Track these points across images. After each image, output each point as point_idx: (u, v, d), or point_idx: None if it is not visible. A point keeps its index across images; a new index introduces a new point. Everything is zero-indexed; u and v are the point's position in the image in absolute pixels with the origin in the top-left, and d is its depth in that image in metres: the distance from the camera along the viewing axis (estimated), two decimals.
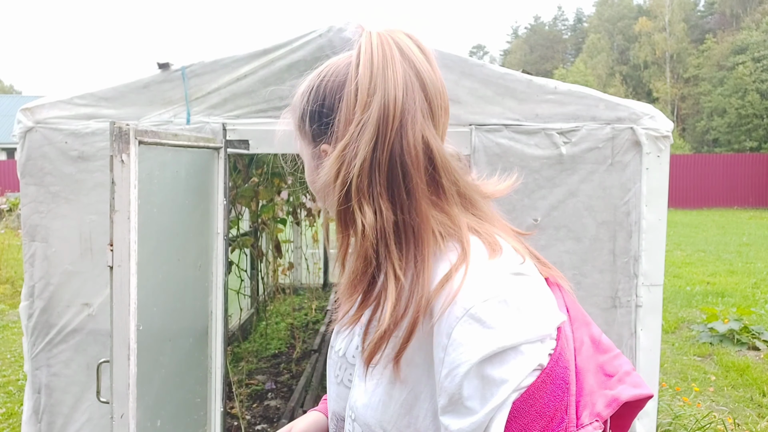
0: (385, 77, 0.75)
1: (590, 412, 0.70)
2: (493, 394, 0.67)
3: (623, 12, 49.64)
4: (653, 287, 2.62)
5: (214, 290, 2.57)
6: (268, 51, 2.59)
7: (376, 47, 0.77)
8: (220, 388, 2.58)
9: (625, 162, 2.59)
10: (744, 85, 33.84)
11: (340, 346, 0.93)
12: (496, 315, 0.69)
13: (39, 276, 2.60)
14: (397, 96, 0.75)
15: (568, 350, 0.72)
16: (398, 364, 0.75)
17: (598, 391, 0.71)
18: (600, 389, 0.72)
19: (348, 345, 0.92)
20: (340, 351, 0.93)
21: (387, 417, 0.77)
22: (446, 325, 0.70)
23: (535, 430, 0.67)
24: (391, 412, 0.77)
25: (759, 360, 5.38)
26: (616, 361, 0.75)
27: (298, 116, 0.88)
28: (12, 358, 5.47)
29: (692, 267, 10.02)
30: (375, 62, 0.76)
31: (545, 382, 0.68)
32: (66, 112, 2.59)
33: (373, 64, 0.76)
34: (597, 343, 0.76)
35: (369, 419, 0.79)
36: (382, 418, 0.78)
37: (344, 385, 0.90)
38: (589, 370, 0.73)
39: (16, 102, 30.98)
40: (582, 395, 0.71)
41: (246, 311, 5.73)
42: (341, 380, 0.91)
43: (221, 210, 2.54)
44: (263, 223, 5.28)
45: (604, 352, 0.76)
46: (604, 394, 0.71)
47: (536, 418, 0.67)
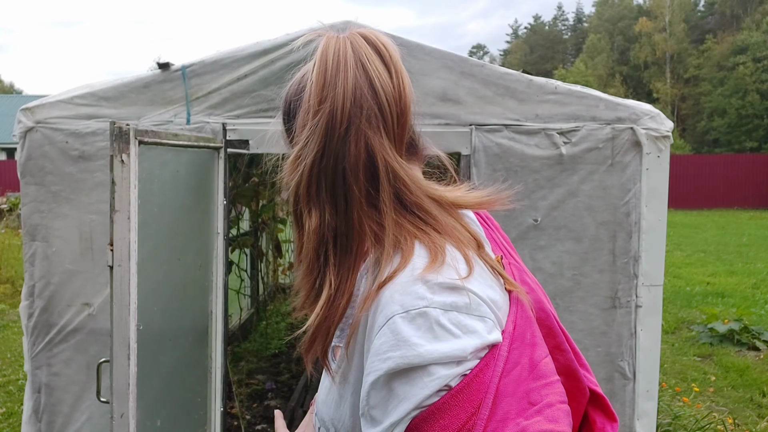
0: (336, 85, 0.76)
1: None
2: (395, 407, 0.68)
3: (623, 12, 49.63)
4: (653, 287, 2.62)
5: (214, 290, 2.57)
6: (268, 51, 2.59)
7: (332, 54, 0.78)
8: (220, 388, 2.58)
9: (625, 162, 2.59)
10: (744, 86, 33.83)
11: None
12: (413, 329, 0.68)
13: (39, 275, 2.60)
14: (345, 104, 0.75)
15: (489, 372, 0.69)
16: (325, 362, 0.81)
17: (512, 419, 0.68)
18: (515, 417, 0.68)
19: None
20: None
21: (337, 415, 0.81)
22: (373, 332, 0.72)
23: None
24: (341, 410, 0.81)
25: (759, 360, 5.38)
26: (545, 389, 0.71)
27: (285, 117, 0.91)
28: (12, 357, 5.47)
29: (692, 267, 10.02)
30: (328, 69, 0.77)
31: (448, 404, 0.67)
32: (66, 111, 2.59)
33: (326, 71, 0.77)
34: (534, 366, 0.73)
35: (324, 415, 0.84)
36: (334, 415, 0.82)
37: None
38: (511, 394, 0.70)
39: (16, 102, 30.97)
40: (492, 420, 0.68)
41: (246, 311, 5.73)
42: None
43: (221, 210, 2.54)
44: (263, 223, 5.28)
45: (537, 378, 0.72)
46: (516, 423, 0.68)
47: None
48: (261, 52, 2.60)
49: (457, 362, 0.68)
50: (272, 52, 2.59)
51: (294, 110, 0.84)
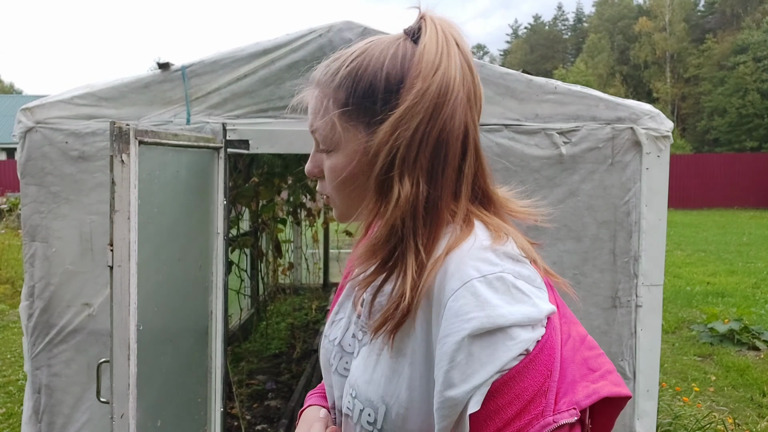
0: (449, 56, 0.78)
1: (569, 399, 0.70)
2: (477, 370, 0.69)
3: (623, 12, 49.62)
4: (653, 287, 2.62)
5: (214, 290, 2.57)
6: (268, 51, 2.59)
7: (439, 29, 0.80)
8: (220, 388, 2.58)
9: (625, 162, 2.59)
10: (745, 85, 33.83)
11: (335, 335, 0.95)
12: (492, 291, 0.71)
13: (39, 276, 2.60)
14: (456, 77, 0.77)
15: (555, 338, 0.73)
16: (394, 337, 0.78)
17: (580, 382, 0.73)
18: (581, 380, 0.73)
19: (344, 333, 0.93)
20: (336, 340, 0.94)
21: (389, 391, 0.79)
22: (444, 297, 0.73)
23: (511, 411, 0.69)
24: (394, 385, 0.78)
25: (759, 360, 5.38)
26: (600, 359, 0.77)
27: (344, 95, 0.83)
28: (12, 358, 5.47)
29: (692, 267, 10.02)
30: (439, 41, 0.79)
31: (527, 368, 0.69)
32: (66, 112, 2.59)
33: (437, 42, 0.78)
34: (583, 339, 0.78)
35: (371, 394, 0.80)
36: (385, 392, 0.79)
37: (338, 374, 0.91)
38: (573, 360, 0.74)
39: (16, 102, 30.97)
40: (563, 383, 0.71)
41: (246, 311, 5.73)
42: (335, 369, 0.92)
43: (221, 210, 2.54)
44: (263, 223, 5.28)
45: (590, 348, 0.78)
46: (585, 386, 0.72)
47: (513, 400, 0.69)
48: (261, 52, 2.60)
49: (533, 326, 0.71)
50: (272, 52, 2.59)
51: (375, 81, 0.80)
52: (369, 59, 0.82)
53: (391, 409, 0.78)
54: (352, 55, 0.84)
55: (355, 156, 0.83)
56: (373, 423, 0.80)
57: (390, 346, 0.79)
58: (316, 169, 0.90)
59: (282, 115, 2.63)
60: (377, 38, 0.85)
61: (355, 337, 0.91)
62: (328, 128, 0.84)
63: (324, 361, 0.96)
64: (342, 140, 0.83)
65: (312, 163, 0.91)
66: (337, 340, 0.94)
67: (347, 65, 0.83)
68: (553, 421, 0.68)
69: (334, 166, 0.85)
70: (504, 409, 0.68)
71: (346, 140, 0.83)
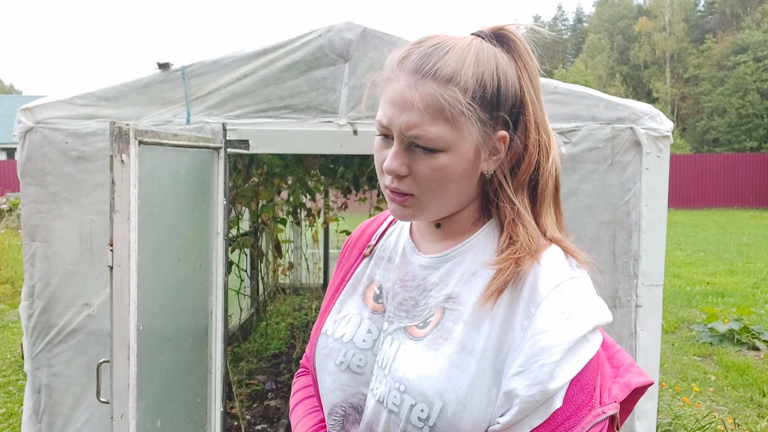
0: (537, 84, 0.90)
1: (608, 394, 0.81)
2: (572, 367, 0.76)
3: (623, 12, 49.61)
4: (653, 287, 2.62)
5: (214, 290, 2.57)
6: (268, 51, 2.59)
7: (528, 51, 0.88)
8: (220, 388, 2.58)
9: (625, 162, 2.59)
10: (744, 85, 33.83)
11: (342, 332, 0.94)
12: (584, 294, 0.81)
13: (39, 276, 2.60)
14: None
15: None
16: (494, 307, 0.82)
17: (610, 377, 0.83)
18: (613, 375, 0.84)
19: (355, 330, 0.93)
20: (344, 337, 0.93)
21: (450, 387, 0.78)
22: (538, 294, 0.79)
23: (577, 402, 0.77)
24: (455, 381, 0.79)
25: (759, 360, 5.38)
26: (619, 355, 0.88)
27: (466, 103, 0.80)
28: (12, 358, 5.47)
29: (692, 267, 10.02)
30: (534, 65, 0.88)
31: (589, 365, 0.78)
32: (66, 112, 2.59)
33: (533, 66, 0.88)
34: (604, 339, 0.87)
35: (426, 389, 0.79)
36: (444, 387, 0.79)
37: (351, 372, 0.90)
38: (604, 359, 0.85)
39: (16, 102, 30.97)
40: (603, 380, 0.82)
41: (246, 311, 5.72)
42: (347, 367, 0.91)
43: (221, 210, 2.54)
44: (263, 223, 5.28)
45: (608, 348, 0.89)
46: (617, 381, 0.83)
47: (579, 392, 0.77)
48: (261, 52, 2.60)
49: (598, 329, 0.81)
50: (272, 52, 2.59)
51: (513, 96, 0.85)
52: (490, 63, 0.83)
53: (448, 405, 0.78)
54: (465, 53, 0.82)
55: (466, 156, 0.82)
56: (425, 419, 0.79)
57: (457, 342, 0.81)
58: (404, 167, 0.83)
59: (282, 115, 2.63)
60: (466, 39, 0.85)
61: (370, 332, 0.91)
62: (441, 128, 0.80)
63: (325, 361, 0.94)
64: (456, 140, 0.81)
65: (398, 160, 0.83)
66: (346, 337, 0.93)
67: (469, 65, 0.81)
68: (602, 413, 0.78)
69: (442, 167, 0.82)
70: (572, 399, 0.76)
71: (461, 140, 0.81)
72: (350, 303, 0.98)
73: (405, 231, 0.99)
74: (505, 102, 0.84)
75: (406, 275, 0.93)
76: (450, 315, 0.84)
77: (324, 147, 2.66)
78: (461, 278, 0.86)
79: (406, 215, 0.88)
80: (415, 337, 0.85)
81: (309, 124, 2.62)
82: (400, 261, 0.95)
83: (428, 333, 0.84)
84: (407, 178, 0.84)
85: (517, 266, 0.80)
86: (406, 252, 0.95)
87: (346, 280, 1.02)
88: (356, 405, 0.90)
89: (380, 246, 1.01)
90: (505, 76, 0.83)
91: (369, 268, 1.00)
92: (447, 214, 0.89)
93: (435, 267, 0.90)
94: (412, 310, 0.88)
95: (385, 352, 0.87)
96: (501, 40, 0.86)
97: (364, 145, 2.61)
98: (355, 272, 1.02)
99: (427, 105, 0.79)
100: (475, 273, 0.85)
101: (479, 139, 0.82)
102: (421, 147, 0.81)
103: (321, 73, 2.60)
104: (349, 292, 1.00)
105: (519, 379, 0.76)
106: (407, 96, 0.80)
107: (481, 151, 0.84)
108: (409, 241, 0.96)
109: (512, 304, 0.80)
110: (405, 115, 0.80)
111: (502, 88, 0.83)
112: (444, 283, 0.88)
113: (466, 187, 0.86)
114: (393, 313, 0.90)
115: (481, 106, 0.81)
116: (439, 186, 0.83)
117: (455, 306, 0.84)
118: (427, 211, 0.87)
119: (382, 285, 0.96)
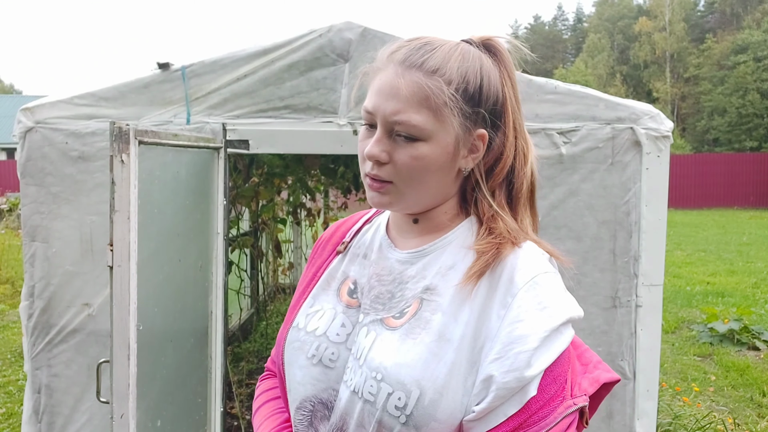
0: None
1: (578, 388, 0.83)
2: (548, 356, 0.78)
3: (623, 12, 49.60)
4: (653, 287, 2.62)
5: (214, 290, 2.57)
6: (268, 51, 2.59)
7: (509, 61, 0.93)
8: (220, 388, 2.58)
9: (625, 162, 2.59)
10: (745, 85, 33.82)
11: (315, 325, 0.93)
12: (558, 288, 0.83)
13: (39, 276, 2.60)
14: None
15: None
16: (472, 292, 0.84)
17: (581, 373, 0.86)
18: (582, 372, 0.87)
19: (328, 325, 0.92)
20: (316, 330, 0.92)
21: (427, 374, 0.79)
22: (515, 284, 0.81)
23: (550, 391, 0.79)
24: (433, 369, 0.80)
25: (759, 360, 5.38)
26: (587, 354, 0.92)
27: (453, 88, 0.84)
28: (12, 358, 5.47)
29: (692, 267, 10.02)
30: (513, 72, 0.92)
31: (561, 358, 0.80)
32: (66, 112, 2.59)
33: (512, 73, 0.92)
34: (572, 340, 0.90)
35: (404, 377, 0.80)
36: (422, 375, 0.79)
37: (323, 365, 0.89)
38: (574, 355, 0.87)
39: (16, 102, 30.96)
40: (574, 374, 0.84)
41: (246, 311, 5.72)
42: (319, 360, 0.90)
43: (221, 210, 2.54)
44: (263, 223, 5.28)
45: (577, 346, 0.92)
46: (586, 376, 0.86)
47: (551, 383, 0.79)
48: (261, 52, 2.60)
49: (571, 323, 0.84)
50: (272, 52, 2.59)
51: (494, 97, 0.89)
52: (475, 63, 0.87)
53: (426, 393, 0.78)
54: (452, 51, 0.86)
55: (446, 148, 0.85)
56: (402, 408, 0.79)
57: (435, 331, 0.82)
58: (384, 154, 0.85)
59: (282, 115, 2.63)
60: (453, 41, 0.89)
61: (344, 326, 0.91)
62: (424, 117, 0.83)
63: (296, 354, 0.93)
64: (437, 131, 0.84)
65: (380, 147, 0.85)
66: (319, 330, 0.92)
67: (454, 60, 0.85)
68: (573, 404, 0.80)
69: (422, 156, 0.84)
70: (545, 389, 0.78)
71: (442, 132, 0.84)
72: (323, 298, 0.97)
73: (381, 228, 0.99)
74: (486, 101, 0.87)
75: (382, 270, 0.93)
76: (428, 305, 0.85)
77: (324, 147, 2.66)
78: (439, 271, 0.87)
79: (383, 203, 0.89)
80: (391, 327, 0.85)
81: (309, 124, 2.62)
82: (376, 257, 0.96)
83: (405, 322, 0.85)
84: (387, 166, 0.86)
85: (498, 251, 0.83)
86: (383, 248, 0.96)
87: (318, 276, 1.01)
88: (326, 401, 0.88)
89: (355, 243, 1.02)
90: (488, 76, 0.87)
91: (344, 264, 1.00)
92: (423, 208, 0.91)
93: (412, 262, 0.91)
94: (388, 303, 0.89)
95: (361, 343, 0.87)
96: (488, 48, 0.91)
97: None
98: (328, 268, 1.01)
99: (412, 93, 0.83)
100: (453, 266, 0.87)
101: (460, 133, 0.86)
102: (403, 135, 0.84)
103: (321, 73, 2.60)
104: (322, 287, 0.99)
105: (495, 365, 0.78)
106: (394, 83, 0.84)
107: (461, 146, 0.87)
108: (386, 237, 0.97)
109: (489, 294, 0.82)
110: (390, 102, 0.84)
111: (484, 87, 0.87)
112: (421, 275, 0.89)
113: (444, 180, 0.88)
114: (369, 305, 0.90)
115: (464, 100, 0.85)
116: (418, 175, 0.85)
117: (433, 297, 0.85)
118: (405, 200, 0.88)
119: (357, 280, 0.96)
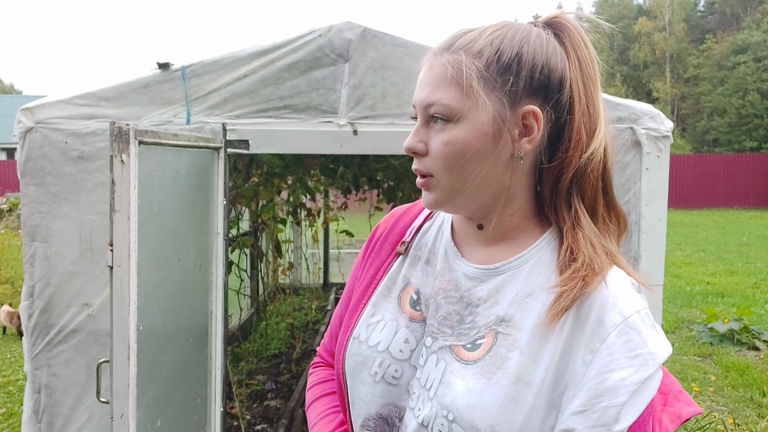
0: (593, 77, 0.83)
1: (659, 426, 0.76)
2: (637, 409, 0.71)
3: (623, 12, 49.59)
4: (653, 287, 2.62)
5: (214, 290, 2.57)
6: (268, 51, 2.59)
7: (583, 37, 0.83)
8: (220, 388, 2.58)
9: (625, 162, 2.59)
10: (745, 85, 33.81)
11: (377, 339, 0.87)
12: (649, 330, 0.73)
13: (39, 276, 2.60)
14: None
15: None
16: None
17: (660, 406, 0.78)
18: (661, 404, 0.79)
19: (391, 339, 0.86)
20: (379, 344, 0.86)
21: (504, 420, 0.72)
22: (605, 329, 0.72)
23: None
24: (510, 415, 0.73)
25: (759, 360, 5.38)
26: (666, 380, 0.80)
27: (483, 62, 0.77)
28: (12, 358, 5.47)
29: (692, 267, 10.02)
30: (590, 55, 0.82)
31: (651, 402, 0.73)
32: (66, 112, 2.59)
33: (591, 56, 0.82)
34: None
35: (478, 422, 0.73)
36: (497, 421, 0.72)
37: (386, 382, 0.84)
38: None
39: (16, 102, 30.95)
40: (653, 408, 0.75)
41: (246, 311, 5.73)
42: (382, 377, 0.84)
43: (221, 210, 2.54)
44: (263, 223, 5.28)
45: None
46: (666, 410, 0.79)
47: (637, 430, 0.71)
48: (261, 52, 2.60)
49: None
50: (272, 52, 2.59)
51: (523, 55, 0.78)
52: (514, 33, 0.79)
53: None
54: (490, 28, 0.80)
55: (482, 128, 0.77)
56: None
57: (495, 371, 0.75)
58: (421, 144, 0.80)
59: (282, 115, 2.63)
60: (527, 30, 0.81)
61: (407, 342, 0.85)
62: (453, 93, 0.77)
63: (358, 369, 0.87)
64: (469, 109, 0.77)
65: (416, 137, 0.81)
66: (381, 345, 0.86)
67: (487, 35, 0.79)
68: None
69: (454, 139, 0.78)
70: None
71: (474, 109, 0.77)
72: (384, 306, 0.90)
73: (445, 230, 0.90)
74: (532, 71, 0.77)
75: (448, 284, 0.85)
76: (504, 340, 0.76)
77: (324, 147, 2.66)
78: (515, 299, 0.78)
79: (430, 201, 0.83)
80: (463, 360, 0.78)
81: (309, 124, 2.62)
82: (441, 267, 0.87)
83: (479, 358, 0.77)
84: (426, 158, 0.80)
85: (583, 286, 0.73)
86: (449, 256, 0.87)
87: (378, 279, 0.93)
88: (386, 416, 0.84)
89: (416, 243, 0.93)
90: (532, 46, 0.78)
91: (404, 269, 0.92)
92: (478, 206, 0.82)
93: (482, 279, 0.82)
94: (457, 327, 0.81)
95: (430, 372, 0.80)
96: (554, 27, 0.82)
97: (364, 145, 2.61)
98: (388, 271, 0.92)
99: (441, 73, 0.79)
100: (531, 294, 0.78)
101: (498, 108, 0.77)
102: (437, 118, 0.79)
103: (321, 73, 2.60)
104: (382, 293, 0.91)
105: (580, 419, 0.70)
106: (426, 70, 0.81)
107: (505, 126, 0.77)
108: (451, 243, 0.88)
109: (574, 333, 0.73)
110: (424, 89, 0.80)
111: (525, 56, 0.77)
112: (494, 300, 0.80)
113: (491, 170, 0.78)
114: (437, 328, 0.83)
115: (498, 72, 0.77)
116: (455, 162, 0.78)
117: (509, 330, 0.77)
118: (451, 196, 0.81)
119: (419, 290, 0.88)
